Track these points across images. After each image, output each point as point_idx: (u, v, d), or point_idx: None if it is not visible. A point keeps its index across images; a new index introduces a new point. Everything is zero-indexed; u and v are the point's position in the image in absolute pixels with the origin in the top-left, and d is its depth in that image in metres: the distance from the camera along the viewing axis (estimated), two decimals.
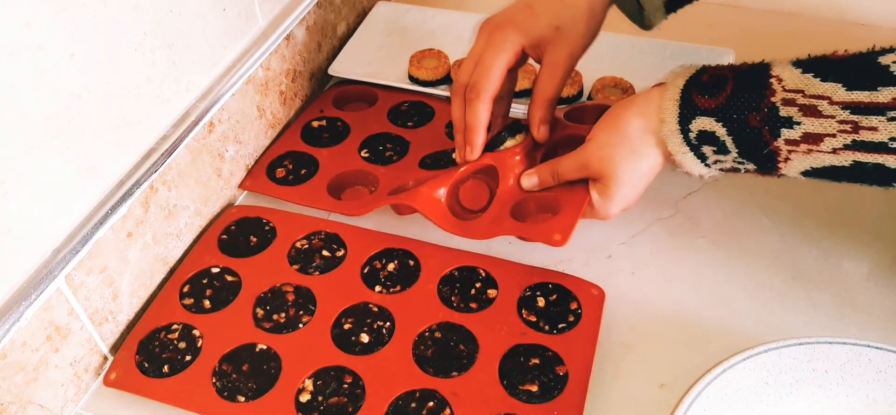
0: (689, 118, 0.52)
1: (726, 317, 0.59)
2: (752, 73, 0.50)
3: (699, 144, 0.53)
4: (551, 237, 0.58)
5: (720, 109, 0.51)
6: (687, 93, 0.53)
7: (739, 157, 0.52)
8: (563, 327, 0.58)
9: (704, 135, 0.52)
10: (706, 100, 0.51)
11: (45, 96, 0.49)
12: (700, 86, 0.52)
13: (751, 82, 0.50)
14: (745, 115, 0.50)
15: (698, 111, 0.52)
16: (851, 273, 0.62)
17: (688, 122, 0.52)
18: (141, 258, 0.60)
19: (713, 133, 0.51)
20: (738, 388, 0.52)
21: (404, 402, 0.53)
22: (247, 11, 0.69)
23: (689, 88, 0.53)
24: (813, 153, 0.48)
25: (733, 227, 0.67)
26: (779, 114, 0.48)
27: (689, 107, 0.52)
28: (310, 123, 0.78)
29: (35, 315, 0.51)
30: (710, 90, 0.51)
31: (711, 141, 0.52)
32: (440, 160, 0.72)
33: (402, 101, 0.81)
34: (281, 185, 0.71)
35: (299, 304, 0.60)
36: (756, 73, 0.50)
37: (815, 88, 0.47)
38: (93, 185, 0.55)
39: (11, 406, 0.50)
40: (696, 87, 0.52)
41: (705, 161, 0.54)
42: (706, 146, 0.52)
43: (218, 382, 0.55)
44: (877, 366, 0.53)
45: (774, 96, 0.48)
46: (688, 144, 0.53)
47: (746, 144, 0.50)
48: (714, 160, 0.53)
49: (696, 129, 0.52)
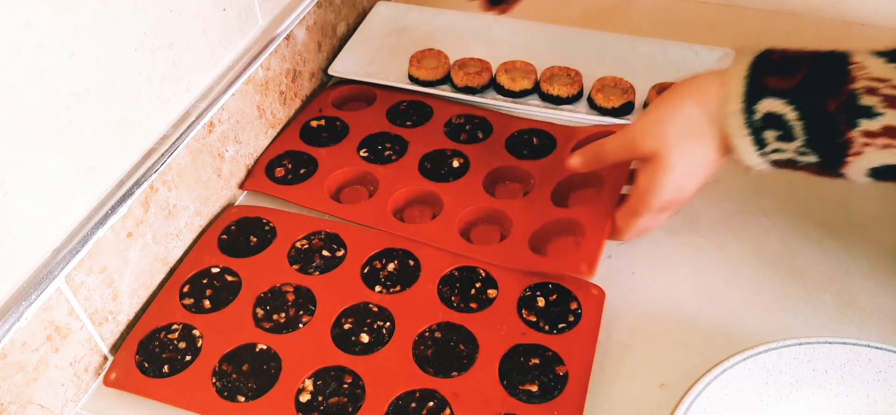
0: (756, 97, 0.48)
1: (726, 317, 0.59)
2: (831, 57, 0.47)
3: (763, 127, 0.49)
4: (578, 269, 0.59)
5: (794, 91, 0.47)
6: (756, 71, 0.49)
7: (805, 146, 0.48)
8: (563, 327, 0.58)
9: (771, 118, 0.48)
10: (778, 80, 0.48)
11: (45, 96, 0.49)
12: (770, 65, 0.49)
13: (829, 66, 0.47)
14: (822, 99, 0.46)
15: (768, 91, 0.48)
16: (851, 273, 0.62)
17: (755, 101, 0.48)
18: (141, 258, 0.60)
19: (782, 116, 0.48)
20: (739, 388, 0.52)
21: (404, 402, 0.53)
22: (247, 11, 0.69)
23: (758, 67, 0.49)
24: (890, 149, 0.45)
25: (733, 227, 0.67)
26: (858, 102, 0.45)
27: (757, 86, 0.49)
28: (309, 123, 0.78)
29: (35, 315, 0.51)
30: (782, 71, 0.48)
31: (778, 125, 0.48)
32: (440, 165, 0.72)
33: (401, 100, 0.81)
34: (280, 184, 0.71)
35: (299, 304, 0.60)
36: (835, 58, 0.47)
37: None
38: (93, 185, 0.55)
39: (11, 406, 0.50)
40: (765, 66, 0.49)
41: (763, 148, 0.50)
42: (770, 131, 0.49)
43: (218, 382, 0.55)
44: (877, 366, 0.53)
45: (855, 83, 0.45)
46: (750, 126, 0.49)
47: (818, 131, 0.47)
48: (773, 149, 0.50)
49: (763, 110, 0.48)
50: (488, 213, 0.68)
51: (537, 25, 0.89)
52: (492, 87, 0.82)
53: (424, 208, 0.70)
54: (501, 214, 0.67)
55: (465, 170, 0.72)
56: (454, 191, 0.69)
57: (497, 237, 0.66)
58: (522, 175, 0.71)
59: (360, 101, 0.83)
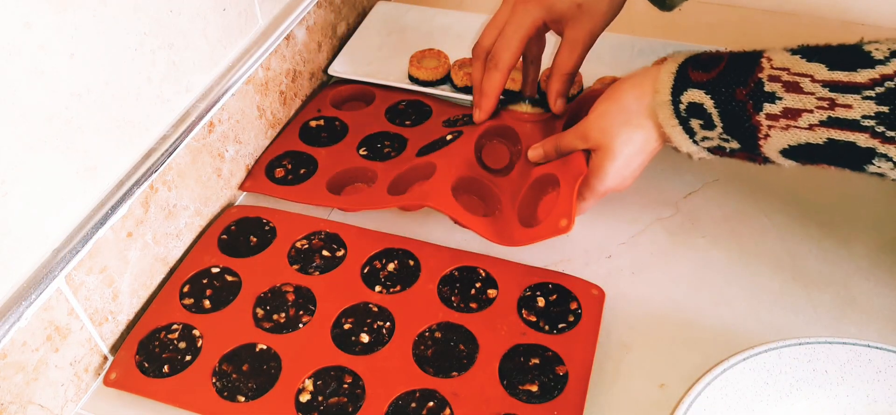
0: (680, 90, 0.54)
1: (726, 317, 0.59)
2: (747, 54, 0.53)
3: (688, 116, 0.54)
4: (558, 225, 0.59)
5: (711, 82, 0.53)
6: (683, 68, 0.55)
7: (724, 132, 0.53)
8: (563, 327, 0.58)
9: (693, 107, 0.54)
10: (700, 74, 0.54)
11: (46, 96, 0.49)
12: (696, 62, 0.55)
13: (743, 61, 0.52)
14: (732, 88, 0.52)
15: (690, 83, 0.54)
16: (851, 273, 0.62)
17: (679, 93, 0.54)
18: (141, 258, 0.60)
19: (701, 105, 0.53)
20: (738, 388, 0.52)
21: (404, 402, 0.53)
22: (247, 11, 0.69)
23: (686, 64, 0.55)
24: (791, 129, 0.50)
25: (733, 227, 0.67)
26: (763, 89, 0.50)
27: (682, 79, 0.54)
28: (308, 123, 0.78)
29: (35, 315, 0.51)
30: (705, 66, 0.54)
31: (699, 114, 0.54)
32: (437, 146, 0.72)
33: (400, 100, 0.81)
34: (280, 184, 0.71)
35: (299, 304, 0.60)
36: (750, 55, 0.52)
37: (800, 67, 0.49)
38: (93, 185, 0.55)
39: (11, 406, 0.50)
40: (692, 63, 0.55)
41: (693, 137, 0.55)
42: (694, 119, 0.54)
43: (218, 382, 0.55)
44: (877, 366, 0.53)
45: (762, 72, 0.51)
46: (677, 116, 0.55)
47: (731, 117, 0.52)
48: (701, 137, 0.55)
49: (687, 101, 0.54)
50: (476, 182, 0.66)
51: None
52: None
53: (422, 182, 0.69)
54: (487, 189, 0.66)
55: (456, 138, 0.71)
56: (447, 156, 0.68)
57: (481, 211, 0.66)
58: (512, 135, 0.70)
59: (359, 100, 0.83)
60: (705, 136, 0.55)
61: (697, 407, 0.51)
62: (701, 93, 0.53)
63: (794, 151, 0.51)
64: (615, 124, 0.58)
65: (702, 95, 0.53)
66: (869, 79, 0.47)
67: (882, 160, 0.48)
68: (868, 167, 0.49)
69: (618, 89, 0.59)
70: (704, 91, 0.53)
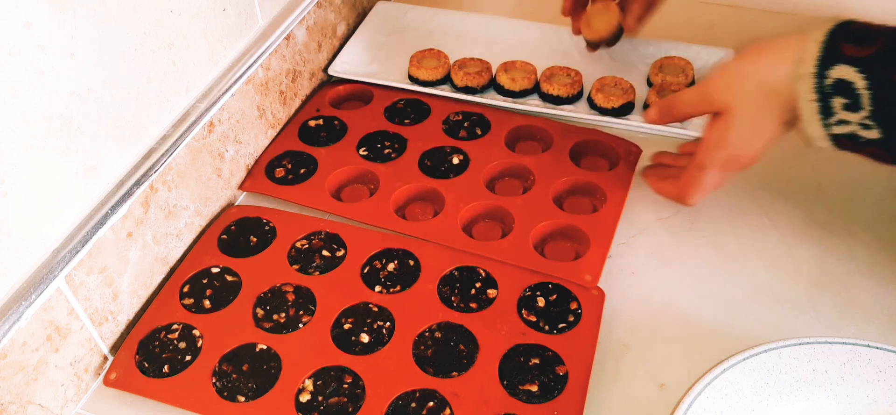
0: (830, 63, 0.49)
1: (726, 317, 0.59)
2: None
3: (832, 93, 0.49)
4: (582, 278, 0.60)
5: (867, 60, 0.48)
6: (833, 38, 0.50)
7: (870, 118, 0.49)
8: (563, 327, 0.58)
9: (841, 85, 0.49)
10: (854, 48, 0.49)
11: (46, 96, 0.49)
12: (848, 34, 0.50)
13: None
14: (893, 70, 0.47)
15: (843, 58, 0.49)
16: (851, 273, 0.62)
17: (828, 66, 0.49)
18: (141, 258, 0.60)
19: (851, 84, 0.48)
20: (738, 388, 0.52)
21: (404, 402, 0.53)
22: (247, 11, 0.69)
23: (836, 34, 0.50)
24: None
25: (733, 227, 0.67)
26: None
27: (833, 52, 0.49)
28: (307, 123, 0.78)
29: (35, 315, 0.51)
30: (860, 40, 0.49)
31: (846, 93, 0.49)
32: (440, 162, 0.72)
33: (398, 99, 0.81)
34: (280, 184, 0.71)
35: (299, 304, 0.60)
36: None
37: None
38: (93, 185, 0.55)
39: (11, 406, 0.50)
40: (844, 34, 0.50)
41: (829, 117, 0.50)
42: (838, 98, 0.49)
43: (218, 382, 0.55)
44: (877, 366, 0.53)
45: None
46: (819, 91, 0.50)
47: (884, 103, 0.48)
48: (838, 120, 0.50)
49: (835, 76, 0.49)
50: (490, 210, 0.68)
51: (537, 25, 0.89)
52: (492, 86, 0.82)
53: (426, 205, 0.70)
54: (503, 212, 0.67)
55: (465, 166, 0.72)
56: (455, 187, 0.69)
57: (498, 234, 0.66)
58: (522, 171, 0.71)
59: (358, 100, 0.83)
60: (843, 119, 0.50)
61: (697, 407, 0.51)
62: (854, 71, 0.48)
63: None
64: (744, 87, 0.53)
65: (854, 73, 0.48)
66: None
67: None
68: None
69: (754, 51, 0.54)
70: (858, 69, 0.48)
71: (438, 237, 0.65)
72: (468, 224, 0.67)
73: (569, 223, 0.65)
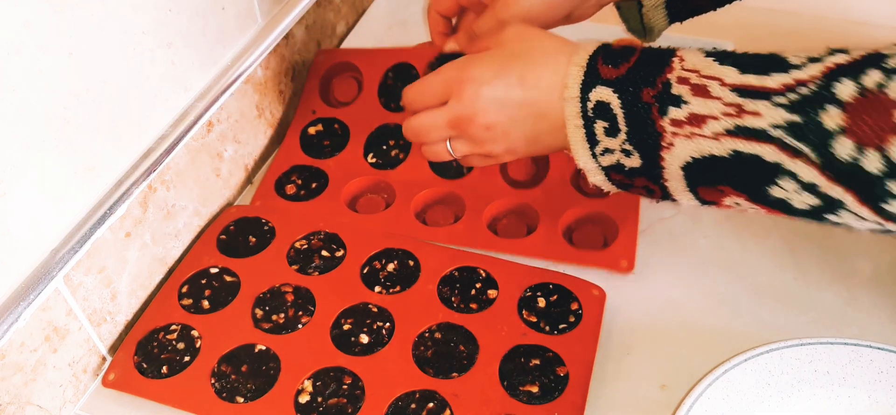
0: (590, 85, 0.49)
1: (728, 317, 0.59)
2: (659, 51, 0.48)
3: (594, 117, 0.49)
4: (618, 265, 0.61)
5: (619, 80, 0.48)
6: (593, 61, 0.49)
7: (627, 140, 0.48)
8: (564, 328, 0.57)
9: (601, 107, 0.48)
10: (609, 69, 0.48)
11: (44, 96, 0.49)
12: (608, 54, 0.49)
13: (654, 58, 0.48)
14: (640, 88, 0.47)
15: (600, 79, 0.48)
16: (853, 273, 0.62)
17: (588, 89, 0.49)
18: (139, 258, 0.60)
19: (608, 105, 0.48)
20: (740, 389, 0.52)
21: (404, 403, 0.53)
22: (246, 11, 0.69)
23: (596, 56, 0.49)
24: (695, 138, 0.46)
25: (735, 227, 0.66)
26: (671, 91, 0.46)
27: (592, 74, 0.49)
28: (306, 131, 0.76)
29: (33, 316, 0.50)
30: (615, 60, 0.49)
31: (606, 115, 0.49)
32: None
33: (386, 72, 0.77)
34: (293, 201, 0.70)
35: (298, 304, 0.60)
36: (661, 52, 0.48)
37: (710, 69, 0.45)
38: (91, 184, 0.54)
39: (10, 407, 0.50)
40: (604, 54, 0.49)
41: (594, 146, 0.50)
42: (599, 121, 0.49)
43: (217, 382, 0.55)
44: (879, 366, 0.53)
45: (671, 73, 0.46)
46: (583, 116, 0.49)
47: (636, 120, 0.47)
48: (603, 149, 0.50)
49: (595, 99, 0.48)
50: (512, 206, 0.68)
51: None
52: None
53: (445, 209, 0.69)
54: (525, 206, 0.67)
55: None
56: (472, 186, 0.69)
57: (523, 230, 0.66)
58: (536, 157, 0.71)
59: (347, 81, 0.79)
60: (607, 147, 0.49)
61: (699, 408, 0.51)
62: (609, 91, 0.48)
63: (697, 166, 0.47)
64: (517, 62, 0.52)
65: (610, 94, 0.48)
66: (782, 84, 0.43)
67: (787, 179, 0.44)
68: (772, 189, 0.45)
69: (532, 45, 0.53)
70: (612, 89, 0.48)
71: (466, 242, 0.64)
72: (492, 223, 0.67)
73: (593, 209, 0.65)
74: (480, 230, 0.65)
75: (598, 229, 0.65)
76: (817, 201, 0.44)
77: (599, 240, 0.64)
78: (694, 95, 0.45)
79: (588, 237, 0.65)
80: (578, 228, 0.66)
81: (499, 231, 0.67)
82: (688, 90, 0.46)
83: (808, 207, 0.45)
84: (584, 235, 0.65)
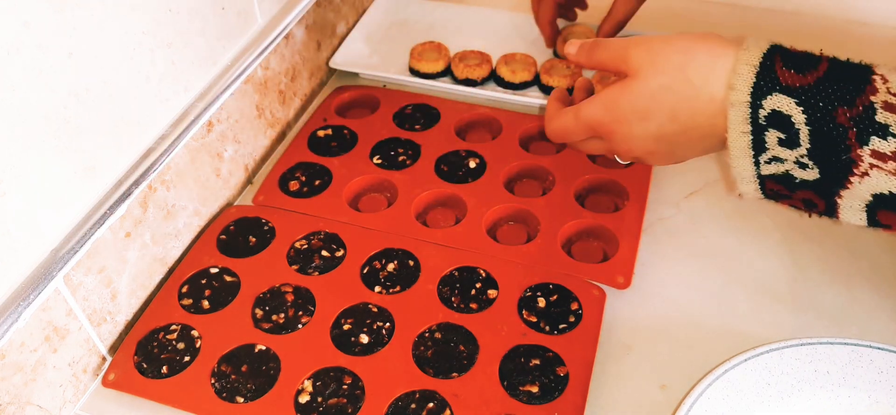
0: (765, 91, 0.43)
1: (728, 317, 0.59)
2: (852, 65, 0.43)
3: (766, 126, 0.43)
4: (615, 280, 0.61)
5: (806, 90, 0.42)
6: (769, 61, 0.43)
7: (807, 156, 0.43)
8: (564, 328, 0.57)
9: (777, 117, 0.43)
10: (792, 75, 0.42)
11: (44, 96, 0.49)
12: (787, 57, 0.43)
13: (850, 72, 0.42)
14: (834, 106, 0.41)
15: (779, 86, 0.43)
16: (853, 273, 0.62)
17: (762, 95, 0.43)
18: (139, 258, 0.60)
19: (789, 118, 0.42)
20: (740, 388, 0.52)
21: (404, 403, 0.53)
22: (246, 10, 0.69)
23: (772, 56, 0.44)
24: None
25: (735, 227, 0.66)
26: (875, 117, 0.40)
27: (769, 78, 0.43)
28: (315, 134, 0.77)
29: (33, 316, 0.50)
30: (799, 65, 0.43)
31: (783, 126, 0.43)
32: (457, 167, 0.72)
33: (406, 104, 0.80)
34: (296, 198, 0.70)
35: (298, 304, 0.60)
36: (856, 67, 0.42)
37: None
38: (91, 184, 0.54)
39: (10, 407, 0.50)
40: (781, 55, 0.44)
41: (760, 154, 0.45)
42: (773, 130, 0.43)
43: (217, 382, 0.55)
44: (879, 366, 0.53)
45: (875, 96, 0.40)
46: (753, 123, 0.44)
47: (824, 141, 0.42)
48: (770, 157, 0.44)
49: (770, 107, 0.43)
50: (513, 212, 0.68)
51: None
52: (492, 79, 0.82)
53: (447, 211, 0.69)
54: (526, 214, 0.67)
55: (482, 170, 0.71)
56: (475, 191, 0.69)
57: (523, 236, 0.66)
58: (541, 172, 0.71)
59: (364, 107, 0.81)
60: (776, 156, 0.44)
61: (699, 408, 0.51)
62: (791, 102, 0.42)
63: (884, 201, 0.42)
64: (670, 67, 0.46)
65: (792, 105, 0.42)
66: None
67: None
68: None
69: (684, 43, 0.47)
70: (796, 101, 0.42)
71: (463, 243, 0.64)
72: (492, 228, 0.67)
73: (595, 223, 0.65)
74: (480, 234, 0.65)
75: (598, 244, 0.65)
76: None
77: (599, 254, 0.64)
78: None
79: (587, 251, 0.65)
80: (578, 241, 0.66)
81: (499, 237, 0.67)
82: None
83: None
84: (584, 248, 0.65)
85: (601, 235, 0.65)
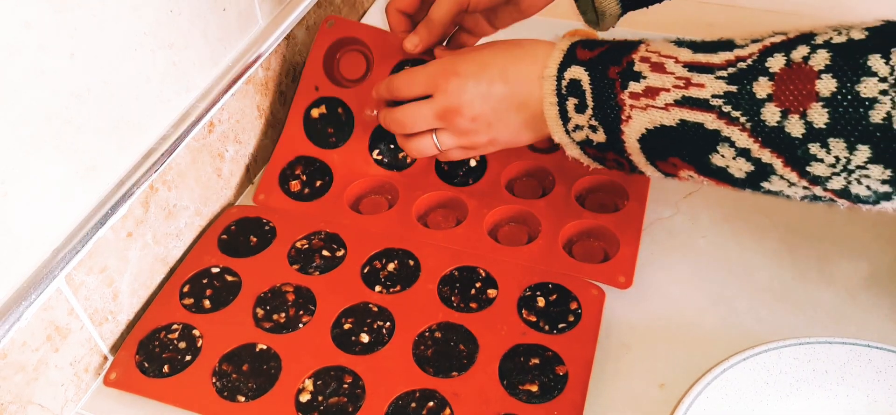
0: (566, 66, 0.54)
1: (726, 317, 0.59)
2: (631, 41, 0.53)
3: (567, 94, 0.54)
4: (616, 280, 0.61)
5: (591, 60, 0.53)
6: (573, 47, 0.55)
7: (593, 116, 0.53)
8: (564, 327, 0.58)
9: (572, 84, 0.53)
10: (585, 52, 0.54)
11: (46, 96, 0.49)
12: (587, 42, 0.55)
13: (625, 45, 0.53)
14: (607, 66, 0.52)
15: (575, 60, 0.54)
16: (851, 273, 0.62)
17: (564, 69, 0.54)
18: (141, 258, 0.60)
19: (579, 82, 0.53)
20: (739, 388, 0.52)
21: (404, 402, 0.53)
22: (247, 11, 0.69)
23: (577, 44, 0.55)
24: (649, 110, 0.50)
25: (733, 227, 0.67)
26: (633, 68, 0.51)
27: (570, 56, 0.54)
28: (310, 113, 0.74)
29: (35, 315, 0.51)
30: (592, 46, 0.54)
31: (576, 91, 0.53)
32: (458, 166, 0.72)
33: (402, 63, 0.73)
34: (298, 200, 0.70)
35: (299, 304, 0.60)
36: (633, 41, 0.53)
37: (669, 50, 0.50)
38: (93, 185, 0.55)
39: (11, 406, 0.50)
40: (583, 43, 0.55)
41: (566, 122, 0.55)
42: (571, 98, 0.54)
43: (218, 382, 0.55)
44: (877, 366, 0.53)
45: (636, 54, 0.51)
46: (558, 94, 0.54)
47: (601, 95, 0.52)
48: (575, 125, 0.54)
49: (569, 77, 0.54)
50: (515, 214, 0.68)
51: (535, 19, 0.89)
52: None
53: (448, 213, 0.70)
54: (528, 215, 0.67)
55: (482, 169, 0.72)
56: (476, 194, 0.69)
57: (524, 238, 0.66)
58: (541, 172, 0.71)
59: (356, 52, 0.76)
60: (577, 124, 0.54)
61: (697, 407, 0.51)
62: (581, 69, 0.53)
63: (650, 138, 0.51)
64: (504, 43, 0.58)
65: (581, 72, 0.53)
66: (725, 60, 0.48)
67: (725, 146, 0.48)
68: (713, 158, 0.49)
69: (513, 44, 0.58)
70: (584, 67, 0.53)
71: (464, 246, 0.65)
72: (493, 230, 0.67)
73: (595, 223, 0.65)
74: (480, 236, 0.66)
75: (599, 244, 0.65)
76: (751, 167, 0.48)
77: (600, 255, 0.65)
78: (652, 71, 0.50)
79: (589, 251, 0.65)
80: (579, 242, 0.66)
81: (500, 238, 0.67)
82: (647, 67, 0.51)
83: (745, 174, 0.49)
84: (585, 248, 0.65)
85: (602, 236, 0.65)
